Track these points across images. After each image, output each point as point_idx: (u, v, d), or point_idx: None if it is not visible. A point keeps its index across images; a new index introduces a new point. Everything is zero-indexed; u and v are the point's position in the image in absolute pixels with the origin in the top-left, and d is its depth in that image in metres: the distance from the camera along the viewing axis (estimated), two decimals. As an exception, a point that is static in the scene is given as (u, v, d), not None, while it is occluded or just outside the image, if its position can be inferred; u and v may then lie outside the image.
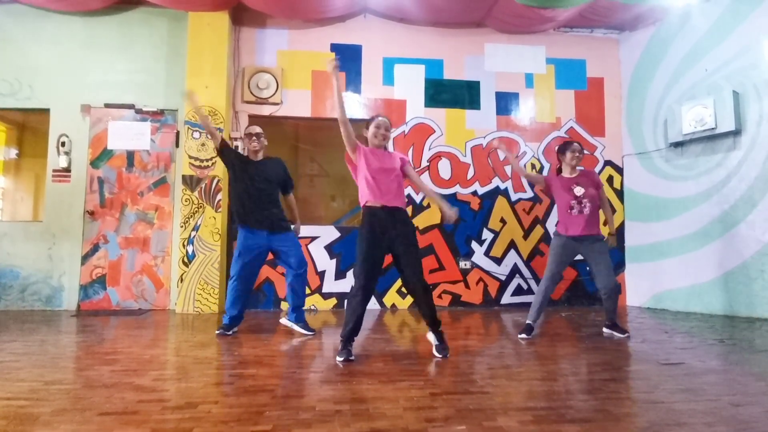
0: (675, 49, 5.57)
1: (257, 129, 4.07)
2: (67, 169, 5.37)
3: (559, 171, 4.05)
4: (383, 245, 3.09)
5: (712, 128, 4.96)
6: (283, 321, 4.05)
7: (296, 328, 3.96)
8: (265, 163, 4.03)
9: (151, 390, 2.34)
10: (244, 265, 3.88)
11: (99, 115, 5.50)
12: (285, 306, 5.35)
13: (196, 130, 5.30)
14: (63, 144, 5.36)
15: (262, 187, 3.93)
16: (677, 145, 5.46)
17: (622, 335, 3.78)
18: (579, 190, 3.83)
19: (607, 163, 6.06)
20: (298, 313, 3.99)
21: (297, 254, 3.96)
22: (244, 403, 2.14)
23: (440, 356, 3.05)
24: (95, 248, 5.35)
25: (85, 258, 5.33)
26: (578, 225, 3.80)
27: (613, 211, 5.92)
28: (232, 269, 3.94)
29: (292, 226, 4.15)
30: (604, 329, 3.95)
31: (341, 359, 2.94)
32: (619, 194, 6.10)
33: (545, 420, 1.93)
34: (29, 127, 6.92)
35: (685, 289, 5.32)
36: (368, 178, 3.14)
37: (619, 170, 6.10)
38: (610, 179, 6.07)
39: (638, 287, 5.83)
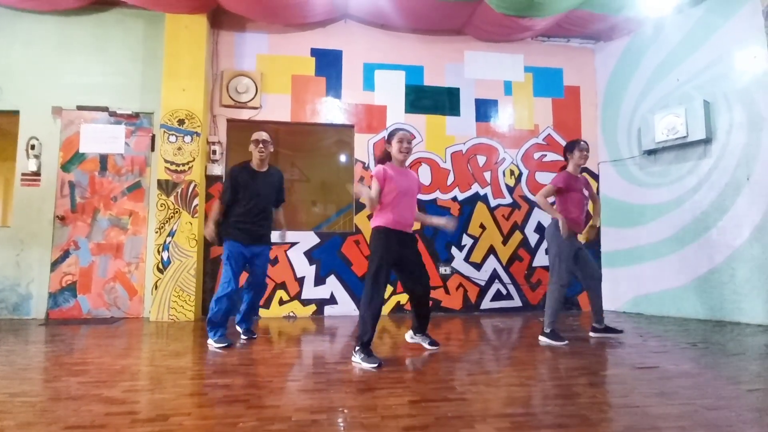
0: (648, 59, 5.70)
1: (264, 135, 3.79)
2: (37, 173, 5.21)
3: (562, 168, 4.08)
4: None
5: (684, 137, 5.09)
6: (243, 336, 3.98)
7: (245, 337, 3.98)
8: (271, 174, 3.87)
9: (120, 402, 2.26)
10: (236, 273, 3.72)
11: (71, 117, 5.35)
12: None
13: (172, 134, 5.20)
14: (33, 147, 5.19)
15: (264, 203, 3.80)
16: (650, 152, 5.59)
17: (618, 333, 4.01)
18: (585, 191, 4.01)
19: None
20: (249, 323, 4.05)
21: (263, 272, 3.96)
22: (218, 414, 2.09)
23: (436, 348, 3.48)
24: (65, 255, 5.19)
25: (54, 265, 5.16)
26: (581, 223, 3.98)
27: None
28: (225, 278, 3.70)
29: (278, 232, 4.03)
30: (593, 333, 4.03)
31: (375, 366, 2.94)
32: (596, 200, 6.20)
33: (523, 426, 1.92)
34: (-3, 129, 6.71)
35: (659, 293, 5.42)
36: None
37: (595, 177, 6.21)
38: (586, 186, 6.17)
39: (614, 292, 5.92)
